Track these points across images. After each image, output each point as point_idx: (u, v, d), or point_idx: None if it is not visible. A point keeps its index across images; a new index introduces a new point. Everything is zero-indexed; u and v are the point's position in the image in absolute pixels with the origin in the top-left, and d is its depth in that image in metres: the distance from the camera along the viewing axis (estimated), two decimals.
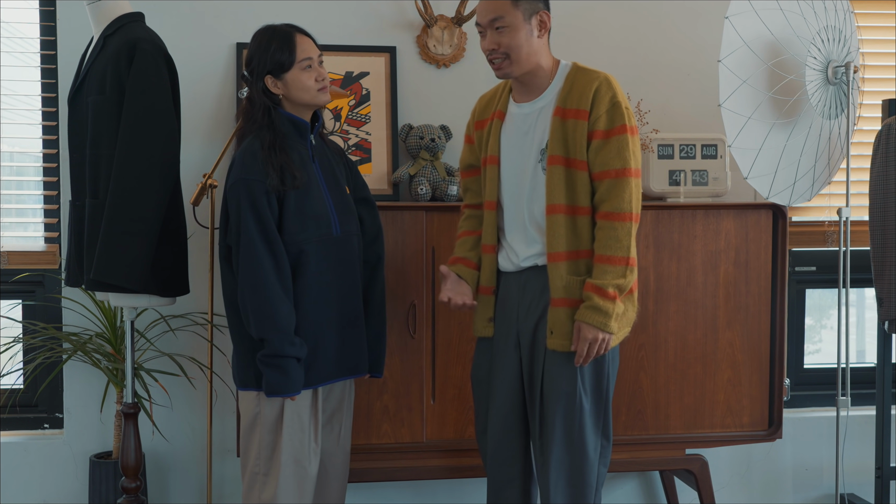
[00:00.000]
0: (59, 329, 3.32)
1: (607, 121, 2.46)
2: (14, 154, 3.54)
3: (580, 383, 2.51)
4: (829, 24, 3.20)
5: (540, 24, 2.51)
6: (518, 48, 2.48)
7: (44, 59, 3.43)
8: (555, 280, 2.50)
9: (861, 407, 3.78)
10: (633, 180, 2.45)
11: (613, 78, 2.53)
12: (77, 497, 3.39)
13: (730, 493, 3.72)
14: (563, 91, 2.52)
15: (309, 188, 2.53)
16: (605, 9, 3.58)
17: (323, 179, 2.58)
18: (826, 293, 3.96)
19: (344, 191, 2.62)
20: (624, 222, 2.44)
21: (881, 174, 3.29)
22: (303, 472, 2.55)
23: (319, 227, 2.53)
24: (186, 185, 3.04)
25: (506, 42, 2.47)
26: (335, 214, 2.56)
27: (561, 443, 2.52)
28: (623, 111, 2.47)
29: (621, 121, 2.46)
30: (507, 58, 2.49)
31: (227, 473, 3.44)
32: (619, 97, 2.48)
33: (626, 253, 2.44)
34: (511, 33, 2.47)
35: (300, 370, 2.48)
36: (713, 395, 3.23)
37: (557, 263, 2.49)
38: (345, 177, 2.68)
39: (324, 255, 2.54)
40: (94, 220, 2.65)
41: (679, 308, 3.20)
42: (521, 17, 2.47)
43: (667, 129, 3.47)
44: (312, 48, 2.58)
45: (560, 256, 2.49)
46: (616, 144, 2.45)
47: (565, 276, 2.49)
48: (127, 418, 2.92)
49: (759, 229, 3.23)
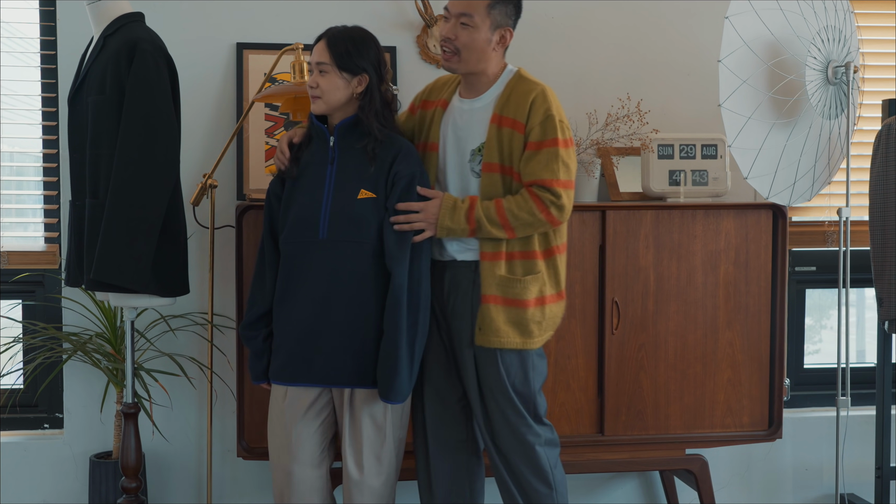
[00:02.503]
0: (59, 329, 3.32)
1: (540, 132, 2.53)
2: (14, 154, 3.54)
3: (505, 377, 2.60)
4: (829, 24, 3.20)
5: (500, 38, 2.59)
6: (471, 49, 2.55)
7: (44, 59, 3.43)
8: (487, 278, 2.58)
9: (861, 407, 3.77)
10: (560, 190, 2.54)
11: (551, 91, 2.60)
12: (77, 497, 3.39)
13: (730, 493, 3.71)
14: (502, 98, 2.59)
15: (301, 188, 2.57)
16: (605, 9, 3.58)
17: (333, 181, 2.56)
18: (826, 293, 3.95)
19: (354, 196, 2.54)
20: (538, 212, 2.53)
21: (881, 174, 3.29)
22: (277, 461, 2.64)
23: (300, 229, 2.55)
24: (186, 185, 3.03)
25: (463, 39, 2.54)
26: (327, 218, 2.53)
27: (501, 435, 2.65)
28: (556, 124, 2.53)
29: (553, 133, 2.53)
30: (457, 53, 2.56)
31: (227, 473, 3.44)
32: (554, 110, 2.54)
33: (512, 222, 2.52)
34: (472, 33, 2.54)
35: (255, 361, 2.64)
36: (713, 395, 3.23)
37: (492, 262, 2.58)
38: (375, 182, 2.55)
39: (301, 257, 2.55)
40: (94, 220, 2.65)
41: (679, 308, 3.20)
42: (487, 24, 2.54)
43: (667, 129, 3.47)
44: (316, 54, 2.57)
45: (499, 256, 2.58)
46: (545, 156, 2.53)
47: (498, 275, 2.57)
48: (127, 418, 2.92)
49: (759, 229, 3.23)
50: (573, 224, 3.14)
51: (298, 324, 2.55)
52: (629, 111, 3.41)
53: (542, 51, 3.54)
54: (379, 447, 2.59)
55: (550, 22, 3.55)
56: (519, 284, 2.58)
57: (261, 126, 3.34)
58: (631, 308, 3.17)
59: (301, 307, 2.55)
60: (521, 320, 2.59)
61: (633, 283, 3.17)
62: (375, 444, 2.59)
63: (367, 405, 2.58)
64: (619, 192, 3.36)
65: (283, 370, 2.59)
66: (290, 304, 2.57)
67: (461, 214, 2.53)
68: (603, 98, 3.52)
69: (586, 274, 3.15)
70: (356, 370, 2.55)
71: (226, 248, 3.31)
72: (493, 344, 2.58)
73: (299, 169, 2.62)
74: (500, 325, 2.57)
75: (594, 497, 3.65)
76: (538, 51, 3.54)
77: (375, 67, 2.56)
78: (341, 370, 2.55)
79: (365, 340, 2.54)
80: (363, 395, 2.58)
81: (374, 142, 2.55)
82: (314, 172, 2.59)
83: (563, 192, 2.54)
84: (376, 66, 2.56)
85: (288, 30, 3.35)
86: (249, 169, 3.32)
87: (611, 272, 3.16)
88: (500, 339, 2.58)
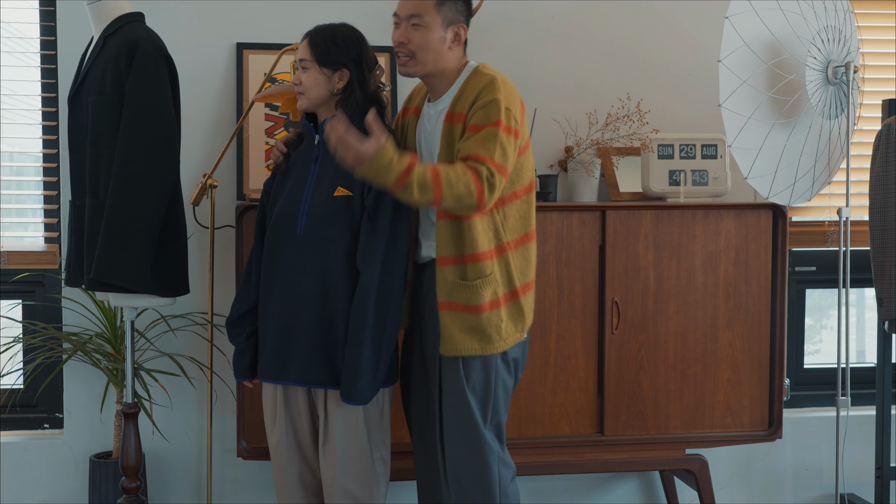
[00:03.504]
0: (59, 329, 3.32)
1: (482, 116, 2.40)
2: (14, 154, 3.54)
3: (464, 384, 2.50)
4: (829, 24, 3.20)
5: (455, 35, 2.50)
6: (426, 50, 2.48)
7: (44, 59, 3.43)
8: (440, 284, 2.49)
9: (861, 407, 3.77)
10: (494, 169, 2.37)
11: (505, 80, 2.47)
12: (77, 497, 3.39)
13: (730, 493, 3.71)
14: (457, 95, 2.50)
15: (286, 185, 2.60)
16: (605, 9, 3.58)
17: (314, 180, 2.56)
18: (826, 293, 3.95)
19: (330, 193, 2.52)
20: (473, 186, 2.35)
21: (881, 174, 3.29)
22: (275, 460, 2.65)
23: (280, 225, 2.56)
24: (186, 185, 3.03)
25: (416, 40, 2.47)
26: (304, 215, 2.53)
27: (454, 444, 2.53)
28: (500, 108, 2.40)
29: (497, 116, 2.39)
30: (413, 56, 2.48)
31: (227, 473, 3.44)
32: (501, 96, 2.41)
33: (445, 191, 2.33)
34: (424, 33, 2.47)
35: (238, 357, 2.66)
36: (713, 395, 3.23)
37: (444, 268, 2.48)
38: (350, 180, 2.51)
39: (279, 254, 2.56)
40: (94, 220, 2.65)
41: (679, 308, 3.20)
42: (439, 22, 2.47)
43: (667, 129, 3.47)
44: (299, 51, 2.57)
45: (446, 261, 2.48)
46: (484, 134, 2.38)
47: (451, 281, 2.47)
48: (127, 418, 2.92)
49: (759, 229, 3.23)
50: (573, 224, 3.14)
51: (276, 321, 2.56)
52: (629, 111, 3.41)
53: (542, 51, 3.54)
54: (354, 448, 2.54)
55: (550, 22, 3.55)
56: (469, 289, 2.46)
57: (261, 126, 3.34)
58: (631, 308, 3.17)
59: (276, 304, 2.56)
60: (476, 326, 2.47)
61: (633, 283, 3.17)
62: (350, 446, 2.54)
63: (341, 405, 2.54)
64: (619, 192, 3.36)
65: (267, 367, 2.59)
66: (271, 301, 2.58)
67: (394, 164, 2.30)
68: (603, 98, 3.52)
69: (586, 274, 3.15)
70: (329, 370, 2.52)
71: (226, 248, 3.31)
72: (451, 353, 2.48)
73: (287, 166, 2.64)
74: (454, 333, 2.47)
75: (594, 497, 3.65)
76: (538, 51, 3.54)
77: (357, 63, 2.54)
78: (315, 370, 2.52)
79: (337, 340, 2.51)
80: (335, 396, 2.54)
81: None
82: (300, 170, 2.60)
83: (495, 171, 2.37)
84: (357, 62, 2.54)
85: (288, 30, 3.35)
86: (249, 169, 3.32)
87: (611, 272, 3.16)
88: (456, 347, 2.47)
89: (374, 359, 2.48)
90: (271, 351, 2.58)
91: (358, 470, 2.55)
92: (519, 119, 2.46)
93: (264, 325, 2.61)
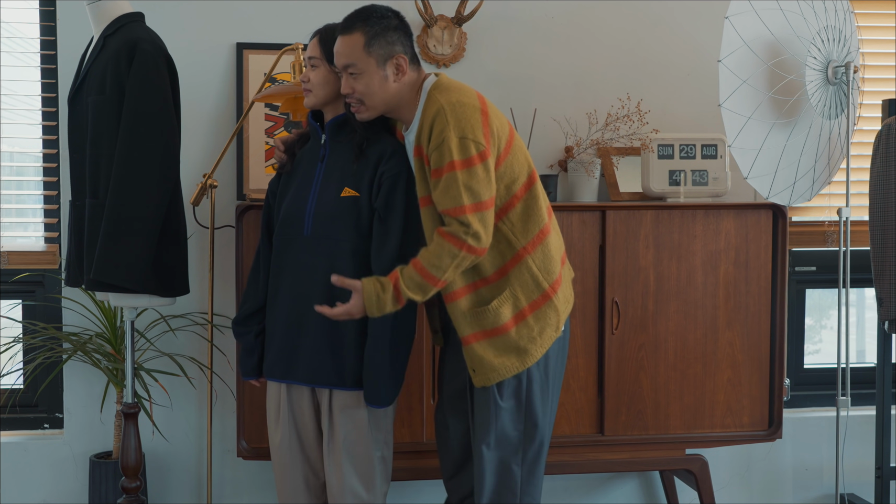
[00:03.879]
0: (59, 329, 3.32)
1: (437, 159, 2.36)
2: (14, 154, 3.54)
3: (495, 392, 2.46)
4: (829, 24, 3.20)
5: (396, 68, 2.43)
6: (371, 94, 2.42)
7: (44, 59, 3.43)
8: (458, 318, 2.45)
9: (861, 407, 3.78)
10: (469, 217, 2.33)
11: (451, 102, 2.38)
12: (77, 497, 3.39)
13: (730, 493, 3.71)
14: (419, 127, 2.43)
15: (292, 185, 2.60)
16: (605, 9, 3.58)
17: (321, 180, 2.55)
18: (826, 293, 3.95)
19: (337, 194, 2.52)
20: (457, 250, 2.34)
21: (881, 174, 3.29)
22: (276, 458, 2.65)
23: (287, 225, 2.56)
24: (186, 185, 3.04)
25: (360, 88, 2.41)
26: (311, 215, 2.52)
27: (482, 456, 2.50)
28: (450, 145, 2.33)
29: (449, 157, 2.33)
30: (362, 103, 2.43)
31: (227, 473, 3.44)
32: (451, 129, 2.34)
33: (438, 274, 2.35)
34: (364, 79, 2.41)
35: (246, 357, 2.67)
36: (713, 395, 3.23)
37: (456, 302, 2.45)
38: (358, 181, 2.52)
39: (286, 253, 2.56)
40: (94, 220, 2.65)
41: (679, 308, 3.20)
42: (373, 64, 2.40)
43: (667, 129, 3.47)
44: (308, 49, 2.57)
45: (457, 294, 2.44)
46: (444, 183, 2.34)
47: (467, 311, 2.44)
48: (127, 418, 2.92)
49: (759, 229, 3.23)
50: (573, 224, 3.14)
51: (283, 320, 2.57)
52: (629, 111, 3.41)
53: (543, 51, 3.54)
54: (359, 447, 2.55)
55: (550, 22, 3.55)
56: (489, 314, 2.43)
57: (261, 126, 3.34)
58: (631, 308, 3.17)
59: (284, 303, 2.57)
60: (509, 344, 2.44)
61: (633, 283, 3.17)
62: (355, 445, 2.54)
63: (346, 406, 2.54)
64: (619, 192, 3.36)
65: (274, 367, 2.60)
66: (278, 301, 2.59)
67: (387, 302, 2.35)
68: (603, 98, 3.52)
69: (586, 274, 3.15)
70: (336, 371, 2.52)
71: (226, 248, 3.31)
72: (492, 381, 2.44)
73: (293, 165, 2.64)
74: (491, 360, 2.44)
75: (594, 497, 3.65)
76: (538, 51, 3.54)
77: None
78: (321, 370, 2.53)
79: (344, 341, 2.51)
80: (342, 396, 2.54)
81: (360, 138, 2.53)
82: (306, 169, 2.60)
83: (471, 219, 2.32)
84: None
85: (288, 30, 3.35)
86: (249, 169, 3.32)
87: (611, 272, 3.16)
88: (498, 372, 2.44)
89: (394, 362, 2.51)
90: (278, 350, 2.58)
91: (362, 469, 2.56)
92: (480, 135, 2.36)
93: (271, 324, 2.61)
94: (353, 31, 2.40)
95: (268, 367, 2.62)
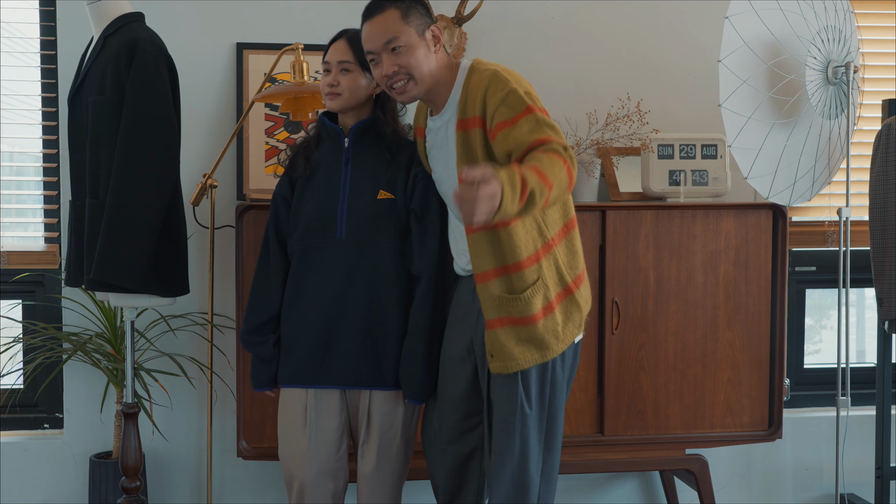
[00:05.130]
0: (59, 329, 3.32)
1: (506, 111, 2.26)
2: (14, 154, 3.54)
3: (523, 398, 2.40)
4: (829, 24, 3.20)
5: (434, 38, 2.39)
6: (418, 65, 2.36)
7: (44, 59, 3.43)
8: (486, 301, 2.38)
9: (861, 407, 3.78)
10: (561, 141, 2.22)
11: (505, 70, 2.36)
12: (77, 497, 3.39)
13: (730, 493, 3.71)
14: (462, 100, 2.38)
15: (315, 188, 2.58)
16: (604, 9, 3.58)
17: (349, 182, 2.56)
18: (826, 293, 3.95)
19: (373, 196, 2.54)
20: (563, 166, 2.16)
21: (881, 174, 3.29)
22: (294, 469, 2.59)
23: (315, 228, 2.55)
24: (186, 185, 3.03)
25: (405, 62, 2.35)
26: (345, 218, 2.53)
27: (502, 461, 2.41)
28: (522, 95, 2.26)
29: (523, 104, 2.25)
30: (411, 79, 2.37)
31: (227, 473, 3.44)
32: (514, 83, 2.29)
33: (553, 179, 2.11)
34: (409, 52, 2.35)
35: (264, 367, 2.61)
36: (713, 395, 3.23)
37: (487, 283, 2.37)
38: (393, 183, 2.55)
39: (317, 257, 2.55)
40: (94, 220, 2.64)
41: (679, 308, 3.20)
42: (415, 34, 2.36)
43: (667, 129, 3.47)
44: (338, 53, 2.55)
45: (488, 276, 2.37)
46: (526, 124, 2.23)
47: (498, 296, 2.36)
48: (127, 418, 2.92)
49: (759, 229, 3.23)
50: None
51: (317, 325, 2.55)
52: (629, 111, 3.41)
53: (542, 51, 3.54)
54: (392, 446, 2.60)
55: (550, 22, 3.55)
56: (520, 302, 2.35)
57: (261, 126, 3.34)
58: (631, 308, 3.17)
59: (319, 308, 2.55)
60: (533, 337, 2.37)
61: (633, 283, 3.17)
62: (390, 444, 2.60)
63: (386, 405, 2.58)
64: (619, 192, 3.36)
65: (299, 373, 2.57)
66: (306, 305, 2.56)
67: (517, 188, 2.04)
68: (603, 98, 3.52)
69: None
70: (376, 372, 2.55)
71: (226, 248, 3.31)
72: (510, 369, 2.37)
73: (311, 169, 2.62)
74: (511, 348, 2.36)
75: (594, 497, 3.65)
76: (538, 51, 3.54)
77: None
78: (361, 372, 2.55)
79: (385, 342, 2.55)
80: (382, 396, 2.58)
81: (391, 143, 2.57)
82: (328, 173, 2.59)
83: (567, 146, 2.20)
84: None
85: (288, 30, 3.35)
86: (249, 169, 3.32)
87: (611, 272, 3.16)
88: (516, 362, 2.37)
89: (430, 358, 2.55)
90: (305, 355, 2.56)
91: (395, 467, 2.62)
92: (538, 100, 2.32)
93: (293, 329, 2.58)
94: (386, 9, 2.37)
95: (290, 374, 2.58)
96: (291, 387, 2.59)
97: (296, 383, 2.58)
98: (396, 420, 2.60)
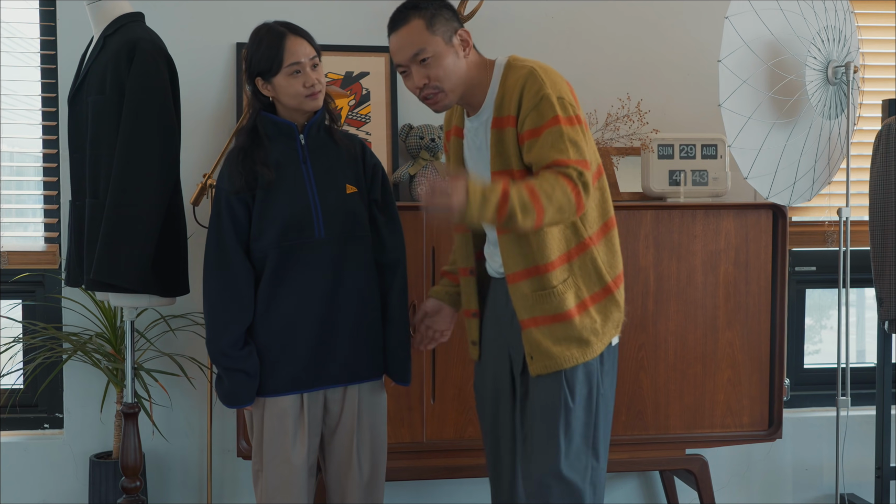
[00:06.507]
0: (59, 329, 3.32)
1: (536, 117, 2.23)
2: (14, 154, 3.54)
3: (567, 397, 2.32)
4: (829, 24, 3.20)
5: (462, 42, 2.33)
6: (448, 76, 2.30)
7: (44, 59, 3.43)
8: (518, 301, 2.33)
9: (861, 407, 3.78)
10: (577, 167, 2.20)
11: (544, 67, 2.31)
12: (77, 497, 3.39)
13: (730, 493, 3.71)
14: (499, 97, 2.33)
15: (281, 190, 2.46)
16: (605, 9, 3.58)
17: (313, 179, 2.50)
18: (826, 293, 3.95)
19: (342, 191, 2.51)
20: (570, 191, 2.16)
21: (881, 174, 3.29)
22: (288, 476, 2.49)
23: (292, 231, 2.45)
24: (186, 185, 3.03)
25: (435, 73, 2.29)
26: (321, 216, 2.47)
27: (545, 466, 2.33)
28: (553, 102, 2.23)
29: (552, 112, 2.22)
30: (441, 89, 2.31)
31: (227, 473, 3.44)
32: (548, 87, 2.24)
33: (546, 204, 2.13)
34: (437, 62, 2.29)
35: (250, 382, 2.44)
36: (713, 395, 3.23)
37: (517, 284, 2.33)
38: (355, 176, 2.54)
39: (297, 259, 2.46)
40: (94, 220, 2.65)
41: (679, 308, 3.20)
42: (441, 43, 2.29)
43: (667, 129, 3.47)
44: (304, 51, 2.47)
45: (518, 276, 2.33)
46: (549, 137, 2.21)
47: (529, 295, 2.31)
48: (127, 418, 2.92)
49: (759, 229, 3.23)
50: None
51: (307, 328, 2.47)
52: (629, 111, 3.41)
53: (542, 50, 3.54)
54: (380, 436, 2.59)
55: (550, 21, 3.56)
56: (552, 296, 2.29)
57: None
58: (631, 308, 3.17)
59: (307, 310, 2.47)
60: (572, 334, 2.31)
61: (633, 283, 3.16)
62: (381, 432, 2.60)
63: (373, 395, 2.58)
64: (619, 192, 3.37)
65: (296, 379, 2.48)
66: (290, 310, 2.47)
67: (492, 203, 2.10)
68: (603, 98, 3.52)
69: None
70: (373, 362, 2.55)
71: None
72: (550, 369, 2.30)
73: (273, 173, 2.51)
74: (549, 347, 2.30)
75: None
76: (538, 50, 3.53)
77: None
78: (361, 366, 2.53)
79: (374, 333, 2.55)
80: (369, 387, 2.56)
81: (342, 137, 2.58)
82: (288, 173, 2.49)
83: (583, 170, 2.18)
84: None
85: None
86: None
87: None
88: (556, 362, 2.30)
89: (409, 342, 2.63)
90: (300, 360, 2.47)
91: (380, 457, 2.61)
92: (574, 103, 2.28)
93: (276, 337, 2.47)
94: (410, 20, 2.32)
95: (284, 382, 2.48)
96: (283, 395, 2.48)
97: (291, 390, 2.48)
98: (381, 408, 2.60)
